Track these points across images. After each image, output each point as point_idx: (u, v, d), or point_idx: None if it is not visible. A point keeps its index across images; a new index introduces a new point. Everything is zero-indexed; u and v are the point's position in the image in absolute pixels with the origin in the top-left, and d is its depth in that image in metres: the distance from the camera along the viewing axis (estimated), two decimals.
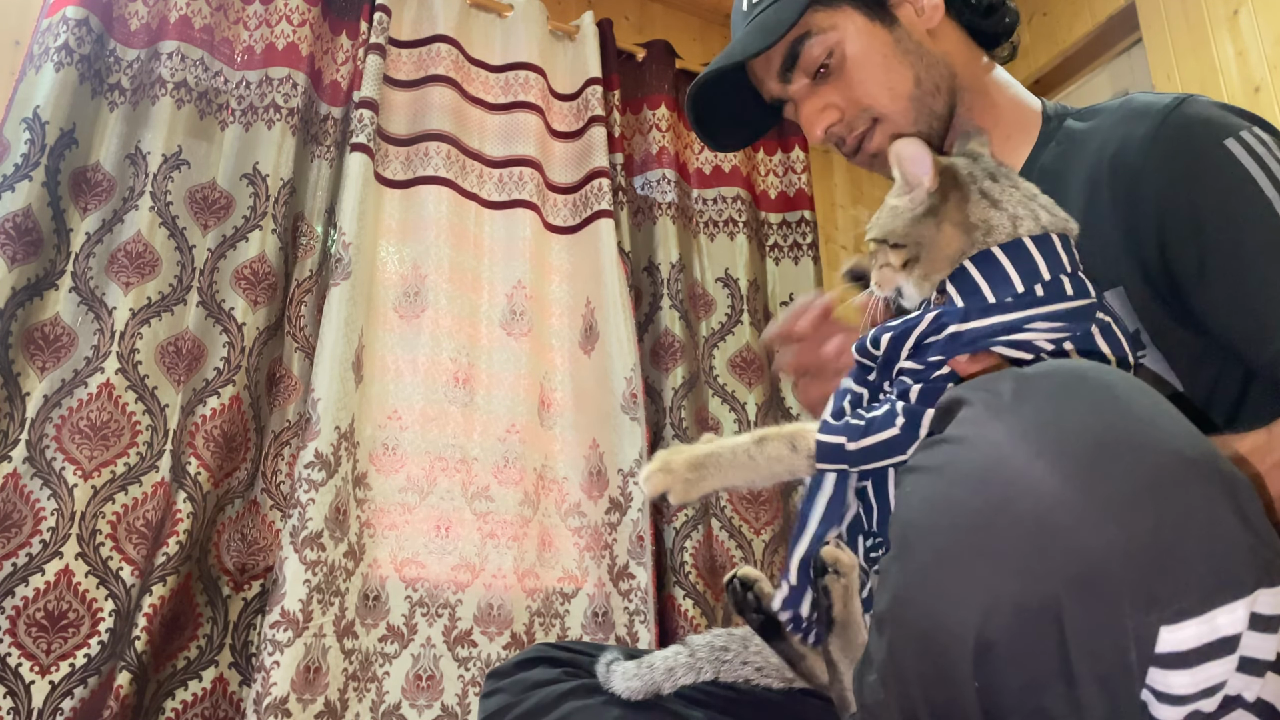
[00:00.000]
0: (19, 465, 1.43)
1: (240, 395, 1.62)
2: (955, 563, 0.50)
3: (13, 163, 1.54)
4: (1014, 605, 0.48)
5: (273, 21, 1.88)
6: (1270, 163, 0.76)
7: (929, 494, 0.53)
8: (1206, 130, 0.79)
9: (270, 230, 1.72)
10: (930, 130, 0.93)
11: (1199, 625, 0.45)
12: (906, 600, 0.53)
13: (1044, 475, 0.48)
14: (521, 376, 1.90)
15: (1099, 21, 2.27)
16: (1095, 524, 0.46)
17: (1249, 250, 0.75)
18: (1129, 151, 0.82)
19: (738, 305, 2.17)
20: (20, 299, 1.51)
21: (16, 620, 1.37)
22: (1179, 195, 0.79)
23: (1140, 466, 0.48)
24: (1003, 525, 0.49)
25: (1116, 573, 0.46)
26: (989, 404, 0.53)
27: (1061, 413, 0.50)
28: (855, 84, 0.93)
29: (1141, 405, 0.51)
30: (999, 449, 0.50)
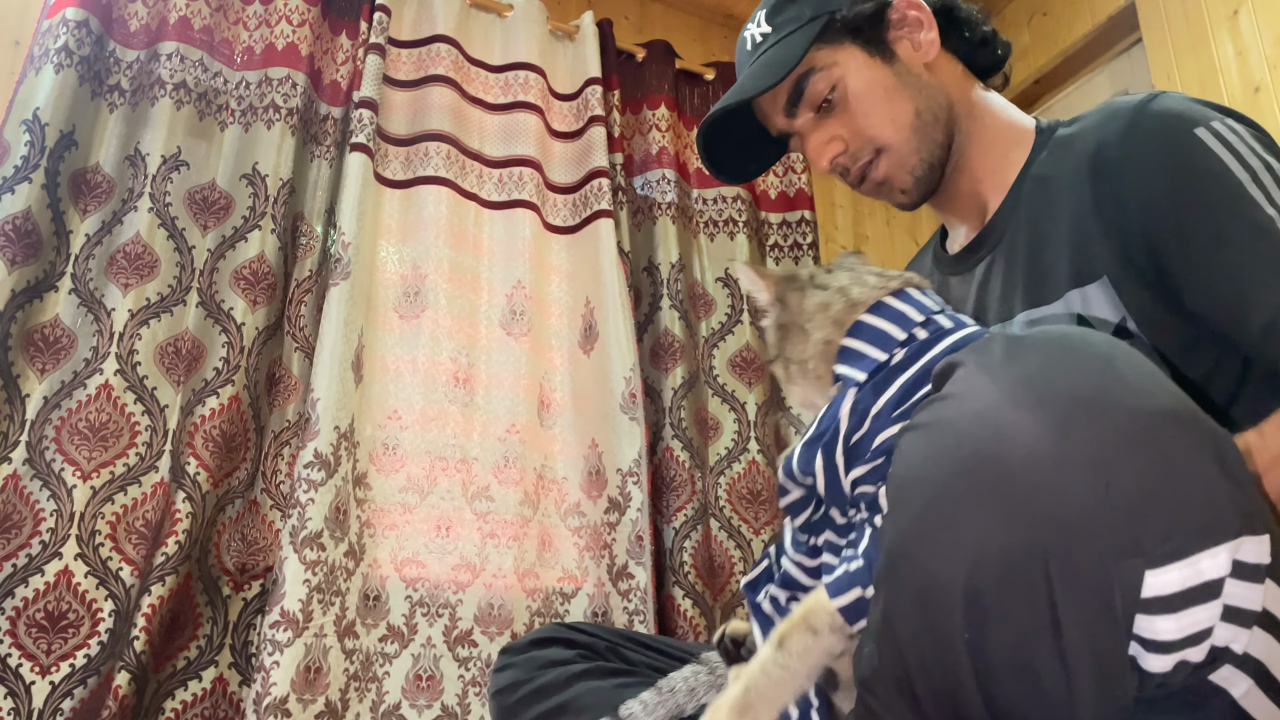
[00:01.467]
0: (19, 467, 1.44)
1: (240, 395, 1.62)
2: (945, 512, 0.52)
3: (12, 165, 1.54)
4: (1001, 552, 0.49)
5: (272, 22, 1.88)
6: (1240, 148, 0.78)
7: (920, 449, 0.55)
8: (1178, 121, 0.81)
9: (270, 230, 1.72)
10: (932, 158, 0.98)
11: (1183, 569, 0.47)
12: (899, 555, 0.55)
13: (1031, 426, 0.49)
14: (521, 376, 1.90)
15: (1099, 21, 2.27)
16: (1080, 472, 0.48)
17: (1225, 232, 0.76)
18: (1107, 147, 0.85)
19: (737, 305, 2.17)
20: (20, 301, 1.51)
21: (16, 621, 1.37)
22: (1155, 184, 0.81)
23: (1124, 418, 0.49)
24: (990, 473, 0.50)
25: (1101, 519, 0.47)
26: (980, 363, 0.54)
27: (1050, 369, 0.52)
28: (859, 116, 0.97)
29: (1128, 365, 0.53)
30: (987, 402, 0.52)
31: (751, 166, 1.12)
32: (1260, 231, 0.74)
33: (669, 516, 1.91)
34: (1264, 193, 0.76)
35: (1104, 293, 0.84)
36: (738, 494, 1.99)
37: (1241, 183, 0.76)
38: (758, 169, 1.13)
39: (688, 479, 1.93)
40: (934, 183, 0.99)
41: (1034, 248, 0.91)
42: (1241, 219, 0.75)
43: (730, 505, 1.98)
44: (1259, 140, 0.79)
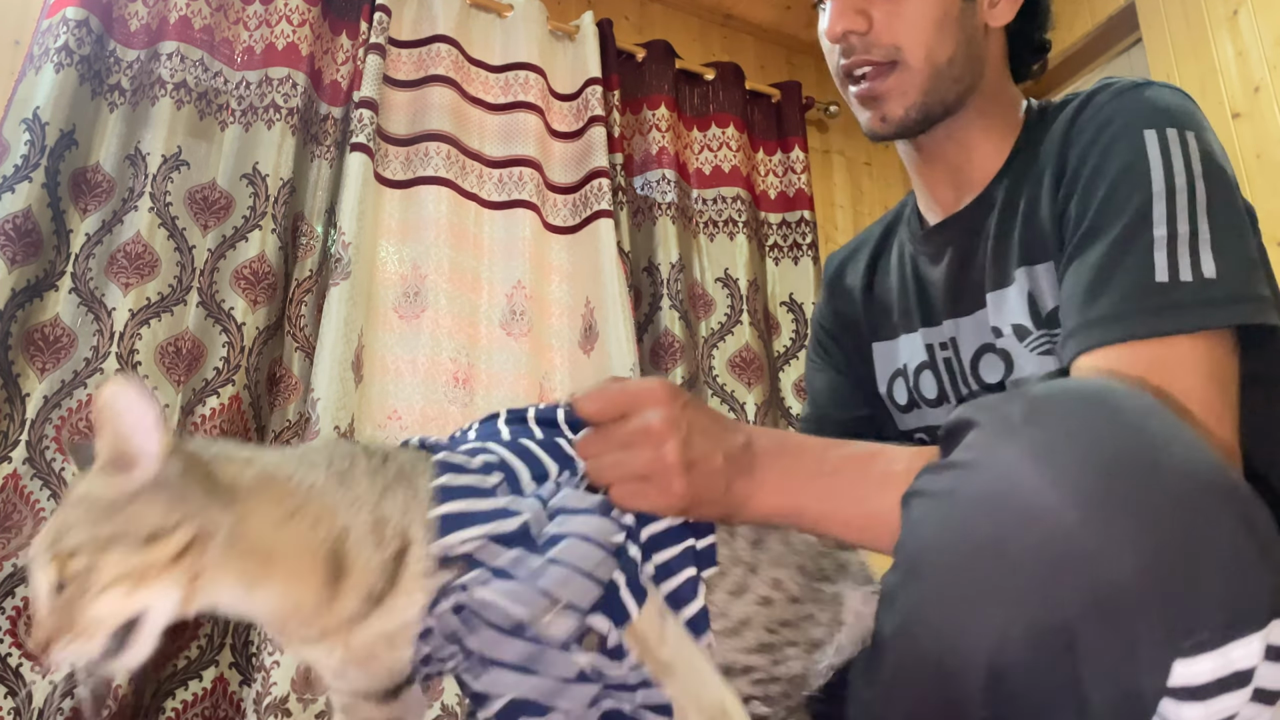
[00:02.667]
0: (19, 466, 1.44)
1: (240, 395, 1.62)
2: (968, 590, 0.49)
3: (13, 164, 1.54)
4: (1028, 634, 0.47)
5: (273, 22, 1.88)
6: (1175, 163, 0.75)
7: (939, 519, 0.52)
8: (1137, 114, 0.79)
9: (270, 230, 1.72)
10: (932, 107, 0.91)
11: (1215, 659, 0.45)
12: (917, 625, 0.52)
13: (1058, 502, 0.47)
14: (521, 376, 1.90)
15: (1099, 21, 2.27)
16: (1111, 553, 0.46)
17: (1107, 231, 0.74)
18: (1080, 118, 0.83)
19: (737, 305, 2.17)
20: (20, 300, 1.51)
21: (17, 620, 1.37)
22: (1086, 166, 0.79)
23: (1155, 493, 0.47)
24: (1016, 552, 0.48)
25: (1132, 603, 0.45)
26: (998, 426, 0.51)
27: (1073, 435, 0.49)
28: (904, 19, 0.88)
29: (1154, 425, 0.50)
30: (1010, 473, 0.49)
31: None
32: (1135, 245, 0.72)
33: None
34: (1168, 210, 0.73)
35: (1049, 275, 0.82)
36: None
37: (1152, 196, 0.73)
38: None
39: None
40: (918, 129, 0.93)
41: (1001, 227, 0.88)
42: (1130, 228, 0.73)
43: None
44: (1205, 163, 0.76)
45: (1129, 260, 0.72)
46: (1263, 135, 1.87)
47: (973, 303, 0.91)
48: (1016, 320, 0.85)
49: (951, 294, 0.94)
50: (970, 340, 0.92)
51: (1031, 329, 0.84)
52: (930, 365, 0.98)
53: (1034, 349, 0.84)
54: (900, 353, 1.02)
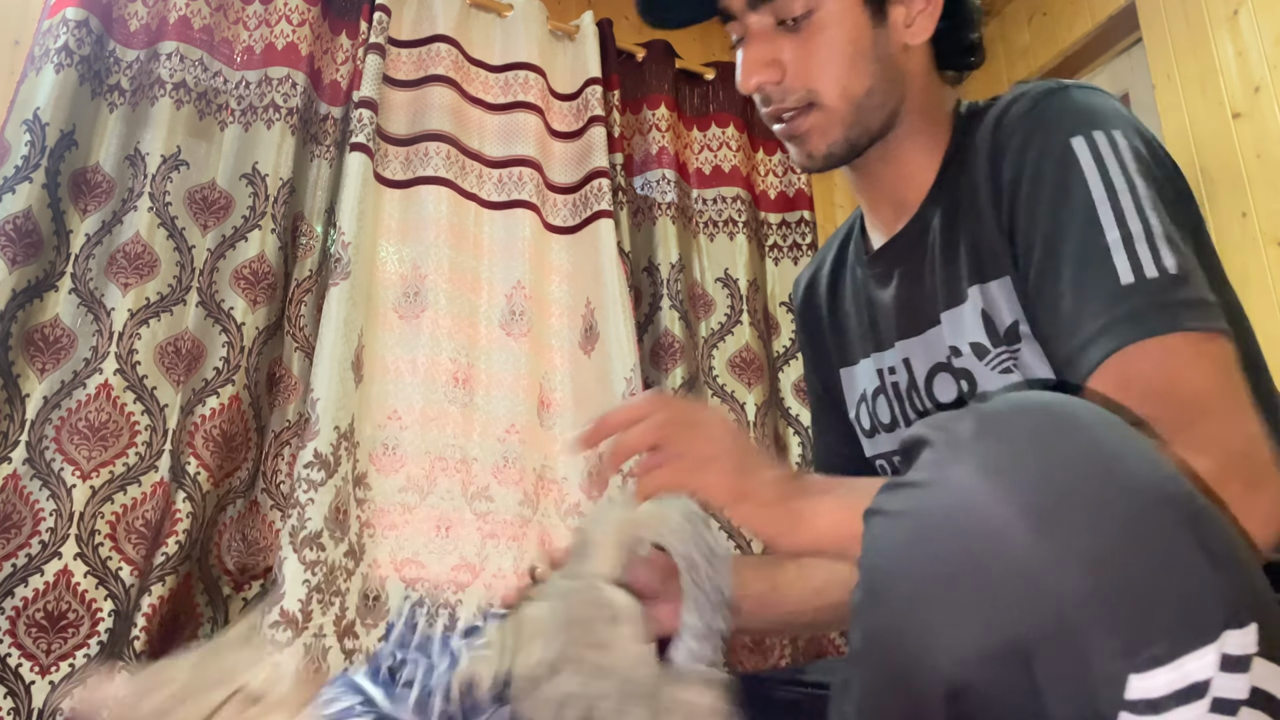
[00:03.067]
0: (19, 466, 1.44)
1: (240, 395, 1.62)
2: (924, 610, 0.50)
3: (13, 165, 1.54)
4: (984, 653, 0.47)
5: (272, 21, 1.88)
6: (1110, 164, 0.75)
7: (895, 539, 0.53)
8: (1061, 121, 0.78)
9: (270, 230, 1.72)
10: (856, 140, 0.89)
11: (1169, 673, 0.45)
12: (878, 643, 0.53)
13: (1008, 519, 0.47)
14: (521, 377, 1.90)
15: (1099, 21, 2.27)
16: (1061, 571, 0.46)
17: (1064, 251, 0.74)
18: (1001, 134, 0.83)
19: (737, 305, 2.17)
20: (20, 301, 1.51)
21: (16, 621, 1.37)
22: (1023, 183, 0.79)
23: (1105, 508, 0.47)
24: (970, 573, 0.48)
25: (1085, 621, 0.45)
26: (949, 444, 0.52)
27: (1025, 451, 0.49)
28: (814, 61, 0.87)
29: (1108, 440, 0.50)
30: (963, 493, 0.49)
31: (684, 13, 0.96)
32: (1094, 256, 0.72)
33: None
34: (1115, 213, 0.73)
35: (1003, 291, 0.81)
36: None
37: (1094, 202, 0.73)
38: (693, 17, 0.97)
39: None
40: (846, 160, 0.91)
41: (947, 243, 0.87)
42: (1083, 240, 0.73)
43: None
44: (1136, 159, 0.76)
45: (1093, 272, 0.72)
46: (1263, 135, 1.87)
47: (925, 322, 0.90)
48: (974, 339, 0.85)
49: (902, 315, 0.94)
50: (923, 360, 0.92)
51: (989, 347, 0.84)
52: (882, 390, 0.99)
53: (994, 367, 0.84)
54: (859, 379, 1.03)
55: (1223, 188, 1.93)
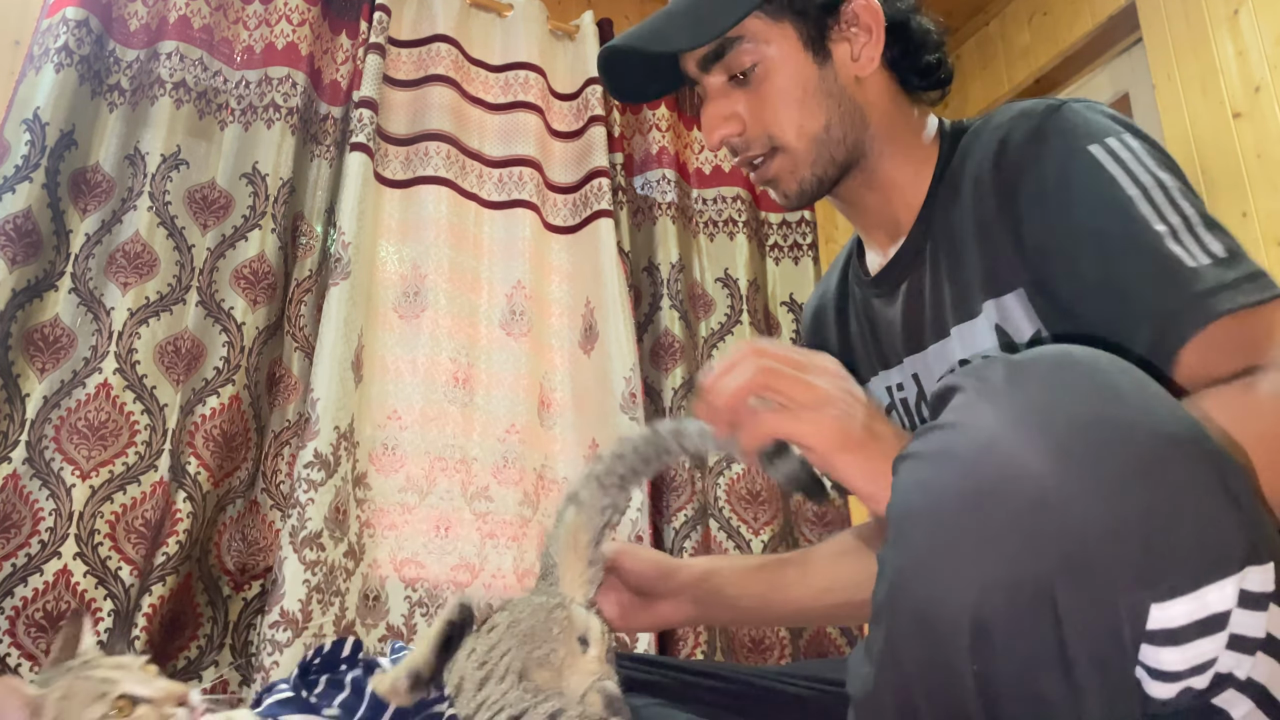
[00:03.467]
0: (19, 466, 1.44)
1: (240, 395, 1.62)
2: (949, 547, 0.51)
3: (13, 164, 1.54)
4: (1008, 588, 0.49)
5: (272, 21, 1.88)
6: (1133, 165, 0.77)
7: (922, 479, 0.54)
8: (1076, 135, 0.80)
9: (270, 230, 1.72)
10: (824, 174, 0.93)
11: (1189, 603, 0.46)
12: (903, 586, 0.54)
13: (1035, 458, 0.49)
14: (521, 376, 1.90)
15: (1099, 21, 2.27)
16: (1086, 506, 0.47)
17: (1113, 249, 0.76)
18: (1008, 153, 0.84)
19: (737, 305, 2.17)
20: (20, 300, 1.51)
21: (16, 620, 1.37)
22: (1049, 197, 0.80)
23: (1130, 448, 0.48)
24: (995, 508, 0.49)
25: (1107, 553, 0.47)
26: (980, 389, 0.53)
27: (1052, 396, 0.51)
28: (767, 108, 0.91)
29: (1131, 387, 0.52)
30: (990, 433, 0.51)
31: (653, 86, 1.02)
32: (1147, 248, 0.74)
33: (669, 516, 1.91)
34: (1154, 209, 0.75)
35: (1020, 304, 0.83)
36: (737, 494, 1.99)
37: (1131, 199, 0.75)
38: (662, 90, 1.04)
39: (688, 479, 1.92)
40: (820, 194, 0.95)
41: (953, 258, 0.89)
42: (1129, 237, 0.75)
43: (730, 506, 1.98)
44: (1154, 158, 0.78)
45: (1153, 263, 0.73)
46: (1263, 135, 1.87)
47: (934, 335, 0.91)
48: (987, 352, 0.86)
49: (907, 332, 0.95)
50: (931, 374, 0.93)
51: None
52: (892, 407, 1.00)
53: None
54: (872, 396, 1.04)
55: (1223, 188, 1.93)
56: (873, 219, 0.98)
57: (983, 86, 2.61)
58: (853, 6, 0.91)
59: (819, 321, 1.13)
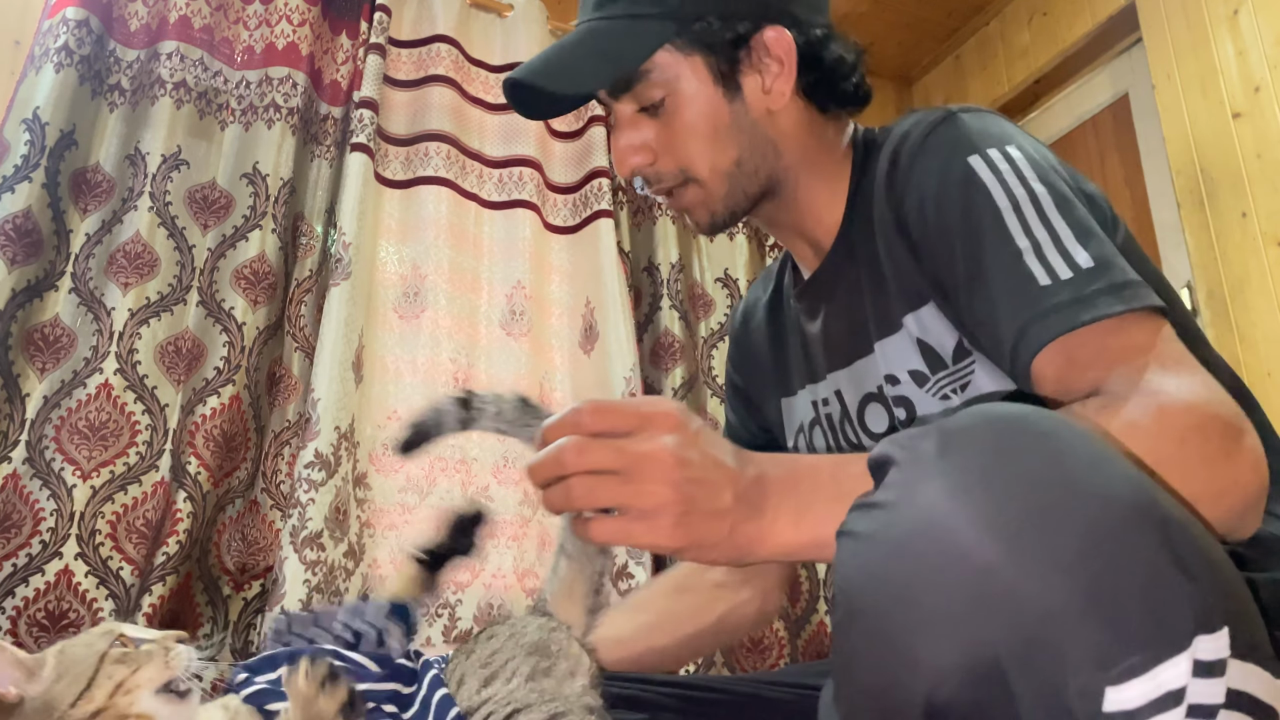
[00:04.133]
0: (19, 466, 1.44)
1: (240, 395, 1.62)
2: (896, 633, 0.50)
3: (13, 164, 1.54)
4: (959, 671, 0.48)
5: (272, 21, 1.88)
6: (1009, 178, 0.77)
7: (865, 562, 0.53)
8: (956, 145, 0.80)
9: (270, 230, 1.72)
10: (736, 206, 0.92)
11: (1144, 684, 0.45)
12: (855, 665, 0.53)
13: (977, 538, 0.47)
14: (521, 376, 1.90)
15: (1099, 21, 2.27)
16: (1031, 587, 0.46)
17: (982, 263, 0.76)
18: (898, 165, 0.85)
19: (736, 306, 2.17)
20: (20, 300, 1.51)
21: (17, 620, 1.37)
22: (929, 212, 0.81)
23: (1073, 521, 0.47)
24: (939, 592, 0.48)
25: (1056, 635, 0.46)
26: (915, 463, 0.52)
27: (990, 467, 0.50)
28: (678, 141, 0.90)
29: (1072, 450, 0.50)
30: (930, 511, 0.49)
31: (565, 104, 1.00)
32: (1010, 262, 0.74)
33: None
34: (1021, 222, 0.75)
35: (935, 315, 0.83)
36: None
37: (1000, 212, 0.76)
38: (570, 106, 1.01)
39: None
40: (734, 223, 0.95)
41: (872, 273, 0.89)
42: (995, 250, 0.75)
43: None
44: (1034, 169, 0.78)
45: (1012, 280, 0.74)
46: (1263, 135, 1.87)
47: (855, 353, 0.92)
48: (912, 366, 0.86)
49: (830, 348, 0.95)
50: (853, 391, 0.93)
51: (929, 374, 0.85)
52: (817, 422, 1.00)
53: (934, 393, 0.85)
54: (797, 410, 1.04)
55: (1223, 188, 1.93)
56: (794, 236, 0.99)
57: (983, 86, 2.61)
58: (763, 38, 0.89)
59: (746, 324, 1.13)
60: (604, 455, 0.60)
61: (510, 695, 0.70)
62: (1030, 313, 0.72)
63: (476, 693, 0.72)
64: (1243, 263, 1.86)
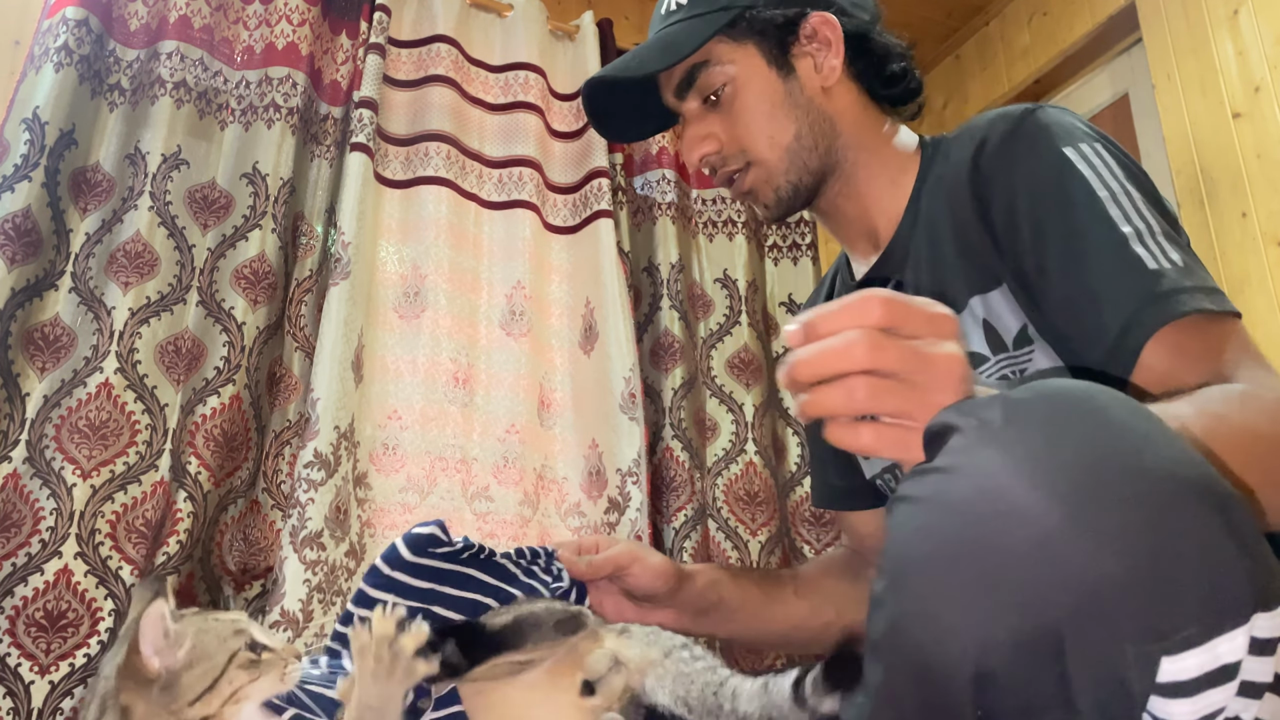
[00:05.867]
0: (19, 465, 1.44)
1: (240, 395, 1.62)
2: (951, 595, 0.50)
3: (12, 163, 1.54)
4: (1013, 638, 0.48)
5: (272, 21, 1.88)
6: (1103, 171, 0.80)
7: (921, 524, 0.52)
8: (1051, 138, 0.83)
9: (270, 230, 1.72)
10: (799, 183, 0.97)
11: (1201, 655, 0.45)
12: (902, 631, 0.53)
13: (1039, 505, 0.47)
14: (521, 377, 1.90)
15: (1099, 21, 2.27)
16: (1093, 554, 0.46)
17: (1084, 248, 0.78)
18: (985, 153, 0.87)
19: (736, 306, 2.17)
20: (20, 300, 1.51)
21: (16, 620, 1.37)
22: (1021, 198, 0.83)
23: (1136, 493, 0.47)
24: (999, 557, 0.48)
25: (1116, 604, 0.46)
26: (979, 430, 0.52)
27: (1054, 438, 0.50)
28: (739, 124, 0.96)
29: (1135, 426, 0.50)
30: (992, 478, 0.49)
31: (642, 128, 1.10)
32: (1114, 247, 0.76)
33: (669, 517, 1.91)
34: (1122, 212, 0.78)
35: (1005, 299, 0.84)
36: (735, 495, 1.99)
37: (1102, 201, 0.78)
38: (647, 131, 1.11)
39: (687, 479, 1.93)
40: (799, 204, 0.99)
41: (934, 260, 0.91)
42: (1098, 235, 0.77)
43: (728, 506, 1.98)
44: (1123, 168, 0.81)
45: (1119, 261, 0.76)
46: (1263, 135, 1.87)
47: None
48: (973, 349, 0.88)
49: None
50: None
51: (989, 355, 0.87)
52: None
53: (992, 375, 0.87)
54: None
55: (1223, 188, 1.93)
56: (854, 230, 1.01)
57: (983, 86, 2.61)
58: (811, 22, 0.96)
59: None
60: (900, 356, 0.55)
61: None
62: (1144, 295, 0.73)
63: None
64: (1242, 262, 1.86)
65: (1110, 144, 0.84)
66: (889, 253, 0.97)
